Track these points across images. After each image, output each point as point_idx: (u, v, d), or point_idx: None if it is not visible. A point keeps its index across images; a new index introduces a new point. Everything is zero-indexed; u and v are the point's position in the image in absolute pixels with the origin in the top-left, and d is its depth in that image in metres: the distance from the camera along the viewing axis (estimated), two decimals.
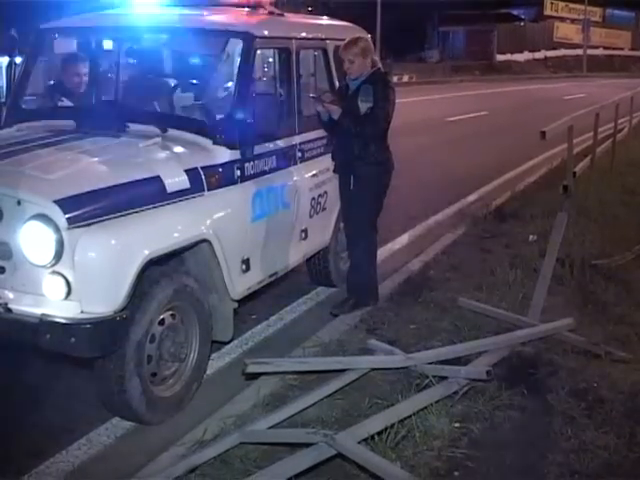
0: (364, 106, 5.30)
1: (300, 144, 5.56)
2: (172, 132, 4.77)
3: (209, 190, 4.52)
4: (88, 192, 3.87)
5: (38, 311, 3.74)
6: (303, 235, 5.63)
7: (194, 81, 5.67)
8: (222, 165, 4.67)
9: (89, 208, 3.81)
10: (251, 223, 4.88)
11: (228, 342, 5.02)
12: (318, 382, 4.41)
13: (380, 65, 5.54)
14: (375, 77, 5.42)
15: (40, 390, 4.50)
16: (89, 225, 3.76)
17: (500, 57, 51.67)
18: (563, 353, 4.89)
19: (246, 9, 5.57)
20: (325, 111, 5.33)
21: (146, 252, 3.91)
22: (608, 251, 6.99)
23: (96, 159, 4.41)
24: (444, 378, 4.33)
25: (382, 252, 6.66)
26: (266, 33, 5.17)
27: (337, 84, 5.88)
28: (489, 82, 38.79)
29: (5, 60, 6.51)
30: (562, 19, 58.41)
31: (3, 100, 5.59)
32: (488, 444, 3.86)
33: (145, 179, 4.19)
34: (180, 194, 4.31)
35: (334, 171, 5.72)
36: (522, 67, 51.07)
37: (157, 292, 4.06)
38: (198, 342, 4.43)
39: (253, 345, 5.35)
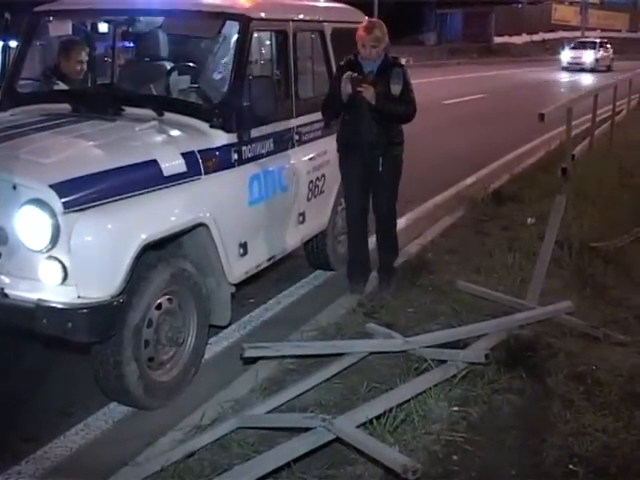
0: (397, 89, 5.34)
1: (297, 127, 5.52)
2: (168, 115, 4.74)
3: (206, 174, 4.49)
4: (84, 176, 3.84)
5: (34, 296, 3.71)
6: (301, 218, 5.60)
7: (191, 64, 5.63)
8: (219, 148, 4.64)
9: (85, 192, 3.77)
10: (248, 207, 4.86)
11: (226, 326, 5.01)
12: (316, 366, 4.40)
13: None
14: (395, 60, 5.49)
15: (37, 375, 4.49)
16: (85, 209, 3.73)
17: (498, 39, 51.53)
18: (562, 336, 4.88)
19: None
20: (347, 90, 5.26)
21: (143, 236, 3.88)
22: (607, 234, 6.97)
23: (92, 143, 4.38)
24: (443, 362, 4.32)
25: None
26: (263, 15, 5.12)
27: (333, 67, 5.83)
28: (487, 65, 38.67)
29: None
30: (560, 1, 58.21)
31: None
32: (487, 428, 3.86)
33: (141, 163, 4.15)
34: (177, 178, 4.28)
35: (339, 152, 5.65)
36: (520, 49, 50.95)
37: (154, 276, 4.04)
38: (196, 326, 4.42)
39: (251, 329, 5.34)
